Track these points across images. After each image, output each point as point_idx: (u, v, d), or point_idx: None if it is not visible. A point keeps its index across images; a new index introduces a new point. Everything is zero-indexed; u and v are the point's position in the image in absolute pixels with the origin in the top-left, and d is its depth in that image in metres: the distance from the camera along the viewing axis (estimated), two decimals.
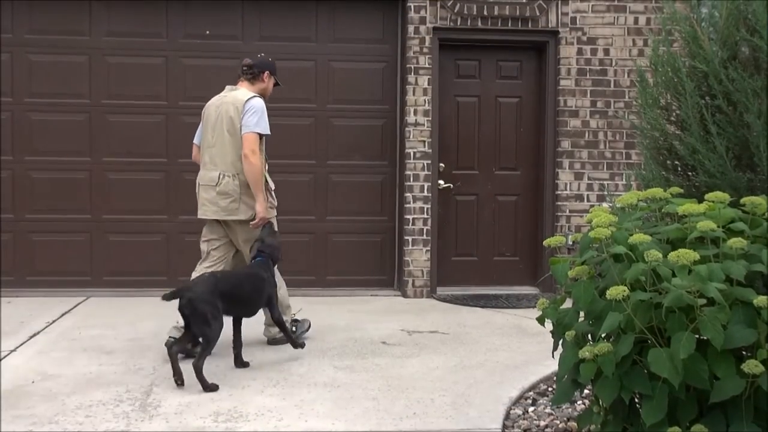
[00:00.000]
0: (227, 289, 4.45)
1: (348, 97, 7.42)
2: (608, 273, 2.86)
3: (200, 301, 4.29)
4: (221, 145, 5.03)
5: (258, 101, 5.02)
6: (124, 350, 5.11)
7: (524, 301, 6.95)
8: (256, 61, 5.24)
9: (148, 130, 7.22)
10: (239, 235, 5.09)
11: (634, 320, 2.68)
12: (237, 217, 5.00)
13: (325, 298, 7.08)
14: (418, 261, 7.14)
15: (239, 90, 5.12)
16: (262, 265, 4.78)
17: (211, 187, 5.04)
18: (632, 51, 7.31)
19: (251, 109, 4.97)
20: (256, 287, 4.66)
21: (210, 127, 5.10)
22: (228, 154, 5.01)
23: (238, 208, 5.00)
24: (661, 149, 3.81)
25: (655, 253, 2.63)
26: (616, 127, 7.30)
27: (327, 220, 7.41)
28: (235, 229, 5.09)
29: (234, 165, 4.99)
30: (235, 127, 4.99)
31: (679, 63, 3.65)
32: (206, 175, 5.10)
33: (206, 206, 5.09)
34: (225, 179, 5.00)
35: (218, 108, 5.07)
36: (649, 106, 3.79)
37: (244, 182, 4.96)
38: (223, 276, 4.63)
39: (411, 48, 7.14)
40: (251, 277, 4.68)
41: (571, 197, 7.30)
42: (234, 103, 5.01)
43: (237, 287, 4.55)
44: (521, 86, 7.56)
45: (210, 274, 4.66)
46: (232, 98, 5.05)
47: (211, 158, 5.08)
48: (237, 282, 4.60)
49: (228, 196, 4.99)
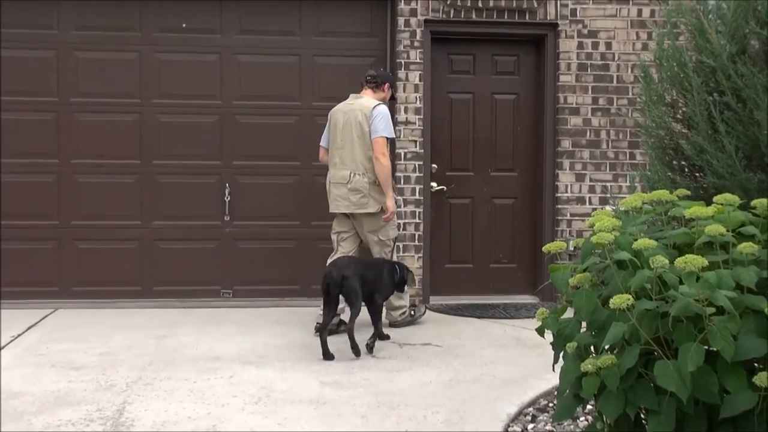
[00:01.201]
0: (362, 271, 5.50)
1: (334, 95, 7.37)
2: (612, 281, 2.87)
3: (348, 277, 5.34)
4: (351, 147, 5.99)
5: (384, 108, 6.02)
6: (95, 365, 5.09)
7: (523, 311, 6.96)
8: (379, 73, 6.30)
9: (120, 130, 7.19)
10: (365, 227, 6.07)
11: (639, 331, 2.68)
12: (366, 210, 5.99)
13: (310, 308, 7.06)
14: (411, 268, 7.12)
15: (364, 98, 6.12)
16: (389, 267, 5.83)
17: (342, 184, 6.02)
18: (636, 45, 7.34)
19: (378, 115, 5.94)
20: (382, 276, 5.71)
21: (339, 131, 6.06)
22: (357, 155, 5.97)
23: (368, 202, 5.98)
24: (667, 149, 3.83)
25: (661, 259, 2.64)
26: (619, 126, 7.33)
27: (312, 225, 7.39)
28: (362, 222, 6.07)
29: (362, 164, 5.97)
30: (363, 131, 5.95)
31: (686, 57, 3.67)
32: (338, 173, 6.06)
33: (338, 201, 6.07)
34: (356, 177, 5.97)
35: (346, 114, 6.06)
36: (654, 103, 3.81)
37: (372, 180, 5.97)
38: (359, 260, 5.76)
39: (401, 42, 7.15)
40: (380, 266, 5.77)
41: (572, 200, 7.32)
42: (362, 110, 5.99)
43: (369, 271, 5.60)
44: (518, 82, 7.58)
45: (348, 257, 5.77)
46: (359, 105, 6.04)
47: (341, 159, 6.05)
48: (369, 267, 5.66)
49: (358, 192, 5.98)
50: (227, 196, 7.31)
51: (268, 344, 5.68)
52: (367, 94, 6.15)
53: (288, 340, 5.81)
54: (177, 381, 4.74)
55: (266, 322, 6.43)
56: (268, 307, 7.08)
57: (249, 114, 7.33)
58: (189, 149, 7.27)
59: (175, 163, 7.25)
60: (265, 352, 5.46)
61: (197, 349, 5.53)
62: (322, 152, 6.35)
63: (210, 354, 5.38)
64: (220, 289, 7.34)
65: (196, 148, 7.27)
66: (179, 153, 7.25)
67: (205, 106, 7.28)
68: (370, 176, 5.97)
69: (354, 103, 6.09)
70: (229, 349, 5.53)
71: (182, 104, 7.25)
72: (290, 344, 5.68)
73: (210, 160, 7.29)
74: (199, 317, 6.63)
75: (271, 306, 7.13)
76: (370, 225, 6.07)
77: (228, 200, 7.31)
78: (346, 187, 6.00)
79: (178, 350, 5.49)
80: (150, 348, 5.56)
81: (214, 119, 7.30)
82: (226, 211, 7.31)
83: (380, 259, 6.00)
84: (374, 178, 5.96)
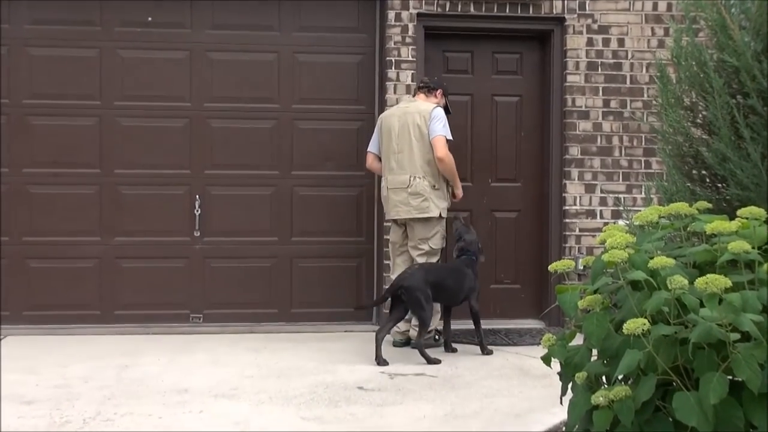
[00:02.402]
0: (434, 279, 6.08)
1: (317, 96, 7.44)
2: (625, 303, 2.87)
3: (414, 289, 5.97)
4: (409, 151, 6.46)
5: (440, 110, 6.50)
6: (48, 399, 5.05)
7: (527, 337, 6.96)
8: (432, 80, 6.80)
9: (78, 136, 7.18)
10: (417, 233, 6.49)
11: (656, 359, 2.69)
12: (428, 215, 6.42)
13: (289, 334, 7.05)
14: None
15: (418, 101, 6.61)
16: (466, 261, 6.32)
17: (402, 189, 6.47)
18: (651, 41, 7.39)
19: (437, 117, 6.43)
20: (459, 281, 6.23)
21: (395, 135, 6.53)
22: (417, 159, 6.44)
23: (429, 206, 6.43)
24: (686, 157, 3.84)
25: (680, 280, 2.65)
26: (633, 131, 7.37)
27: (292, 241, 7.40)
28: (415, 228, 6.50)
29: (422, 168, 6.45)
30: (422, 133, 6.43)
31: (706, 56, 3.69)
32: (396, 178, 6.52)
33: (399, 207, 6.51)
34: (416, 180, 6.43)
35: (402, 117, 6.52)
36: (672, 107, 3.83)
37: (432, 183, 6.46)
38: (431, 268, 6.25)
39: (391, 38, 7.18)
40: (455, 271, 6.29)
41: (582, 213, 7.34)
42: (419, 113, 6.47)
43: (442, 279, 6.18)
44: (521, 83, 7.62)
45: (419, 266, 6.24)
46: (415, 108, 6.52)
47: (399, 163, 6.52)
48: (443, 274, 6.24)
49: (419, 196, 6.42)
50: (197, 209, 7.30)
51: (243, 375, 5.66)
52: (421, 99, 6.65)
53: (265, 371, 5.78)
54: (140, 416, 4.71)
55: (241, 350, 6.41)
56: (242, 334, 7.06)
57: (222, 117, 7.33)
58: (155, 157, 7.26)
59: (139, 173, 7.24)
60: (239, 383, 5.44)
61: (163, 380, 5.51)
62: (370, 158, 6.85)
63: (178, 386, 5.35)
64: (189, 314, 7.32)
65: (162, 156, 7.27)
66: (144, 161, 7.25)
67: (173, 108, 7.28)
68: (430, 179, 6.45)
69: (409, 106, 6.58)
70: (199, 380, 5.50)
71: (147, 107, 7.25)
72: (267, 374, 5.66)
73: (178, 168, 7.29)
74: (165, 345, 6.60)
75: (246, 332, 7.11)
76: (423, 232, 6.48)
77: (198, 213, 7.30)
78: (407, 192, 6.44)
79: (142, 382, 5.46)
80: (110, 379, 5.52)
81: (183, 123, 7.30)
82: (196, 225, 7.30)
83: (452, 263, 6.48)
84: (434, 182, 6.46)
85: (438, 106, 6.54)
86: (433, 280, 6.08)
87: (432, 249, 6.49)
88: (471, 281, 6.30)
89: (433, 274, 6.16)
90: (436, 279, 6.14)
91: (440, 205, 6.49)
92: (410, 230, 6.56)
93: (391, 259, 6.84)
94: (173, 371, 5.75)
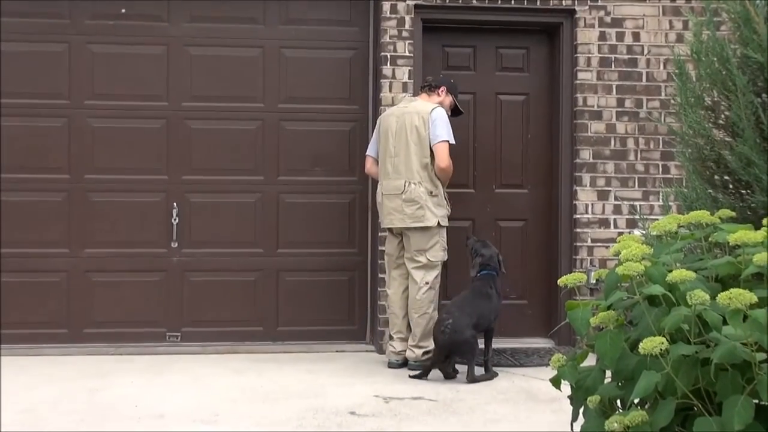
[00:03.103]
0: (477, 317, 6.15)
1: (305, 95, 7.44)
2: (641, 320, 2.87)
3: (465, 343, 6.06)
4: (406, 154, 6.49)
5: (442, 111, 6.53)
6: (13, 425, 5.03)
7: (534, 358, 6.96)
8: (436, 78, 6.83)
9: (44, 138, 7.17)
10: (413, 244, 6.50)
11: (676, 381, 2.69)
12: (423, 224, 6.43)
13: (275, 354, 7.04)
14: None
15: (419, 101, 6.65)
16: (488, 280, 6.34)
17: (396, 195, 6.49)
18: (669, 36, 7.41)
19: (438, 119, 6.45)
20: (489, 305, 6.28)
21: (392, 137, 6.57)
22: (413, 163, 6.47)
23: (424, 214, 6.44)
24: (707, 161, 3.85)
25: (701, 295, 2.65)
26: (649, 133, 7.38)
27: (278, 253, 7.39)
28: (411, 238, 6.50)
29: (418, 173, 6.46)
30: (420, 137, 6.46)
31: (728, 51, 3.70)
32: (391, 184, 6.55)
33: (392, 215, 6.53)
34: (411, 186, 6.45)
35: (400, 118, 6.55)
36: (691, 106, 3.84)
37: (429, 190, 6.46)
38: (468, 307, 6.21)
39: (386, 31, 7.19)
40: (483, 295, 6.29)
41: (594, 222, 7.35)
42: (418, 113, 6.49)
43: (481, 310, 6.22)
44: (528, 80, 7.63)
45: (458, 310, 6.17)
46: (414, 108, 6.55)
47: (394, 167, 6.55)
48: (479, 306, 6.23)
49: (414, 203, 6.43)
50: (175, 217, 7.29)
51: (225, 399, 5.65)
52: (423, 98, 6.70)
53: (249, 394, 5.77)
54: None
55: (222, 372, 6.40)
56: (224, 354, 7.05)
57: (202, 118, 7.34)
58: (129, 161, 7.25)
59: (111, 178, 7.24)
60: (220, 408, 5.42)
61: (138, 404, 5.49)
62: (369, 162, 6.90)
63: (153, 410, 5.33)
64: (166, 332, 7.30)
65: (137, 160, 7.26)
66: (117, 165, 7.24)
67: (148, 108, 7.28)
68: (427, 185, 6.47)
69: (408, 106, 6.62)
70: (176, 404, 5.49)
71: (120, 106, 7.25)
72: (251, 398, 5.65)
73: (154, 174, 7.29)
74: (139, 366, 6.59)
75: (227, 352, 7.10)
76: (420, 242, 6.49)
77: (176, 223, 7.29)
78: (401, 198, 6.47)
79: (115, 406, 5.44)
80: (80, 403, 5.50)
81: (159, 124, 7.30)
82: (174, 236, 7.30)
83: (475, 288, 6.36)
84: (431, 188, 6.47)
85: (439, 107, 6.56)
86: (476, 320, 6.15)
87: (430, 262, 6.50)
88: (497, 300, 6.37)
89: (473, 312, 6.17)
90: (478, 315, 6.19)
91: (438, 213, 6.49)
92: (406, 241, 6.57)
93: (386, 272, 6.83)
94: (148, 395, 5.74)
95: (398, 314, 6.64)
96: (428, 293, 6.51)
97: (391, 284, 6.71)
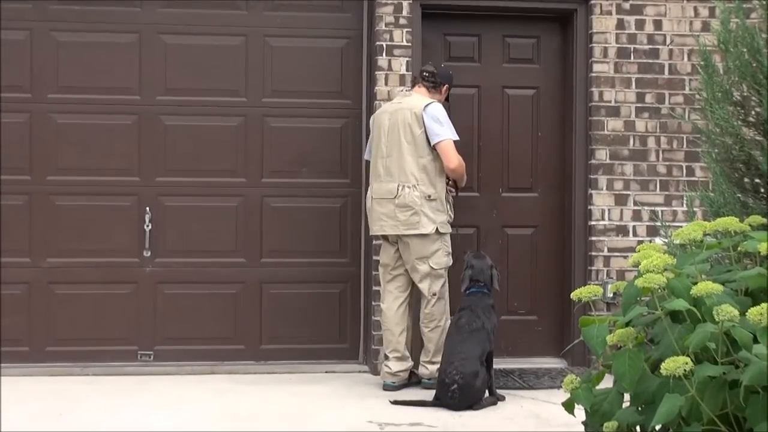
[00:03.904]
0: (474, 354, 6.04)
1: (292, 88, 7.44)
2: (663, 338, 2.88)
3: (466, 386, 5.97)
4: (398, 155, 6.49)
5: (438, 106, 6.53)
6: None
7: (545, 379, 6.96)
8: (440, 71, 6.77)
9: (3, 135, 7.15)
10: (413, 252, 6.51)
11: (701, 405, 2.69)
12: (417, 231, 6.43)
13: (258, 375, 7.03)
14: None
15: (414, 96, 6.66)
16: (478, 298, 6.30)
17: (388, 200, 6.50)
18: (694, 24, 7.42)
19: (435, 115, 6.46)
20: (483, 335, 6.15)
21: (384, 136, 6.58)
22: (407, 164, 6.47)
23: (419, 221, 6.43)
24: (736, 162, 3.86)
25: (730, 310, 2.65)
26: (672, 131, 7.39)
27: (262, 263, 7.39)
28: (409, 246, 6.51)
29: (413, 175, 6.46)
30: (414, 134, 6.47)
31: (759, 41, 3.71)
32: (382, 187, 6.56)
33: (383, 221, 6.54)
34: (405, 190, 6.44)
35: (392, 115, 6.57)
36: (718, 102, 3.85)
37: (426, 194, 6.45)
38: (462, 339, 6.13)
39: (382, 18, 7.19)
40: (477, 331, 6.15)
41: (611, 230, 7.36)
42: (411, 109, 6.50)
43: (479, 346, 6.09)
44: (538, 73, 7.64)
45: (451, 344, 6.15)
46: (408, 104, 6.56)
47: (386, 169, 6.55)
48: (474, 343, 6.11)
49: (408, 209, 6.43)
50: (148, 224, 7.29)
51: (203, 424, 5.65)
52: (420, 93, 6.68)
53: (229, 420, 5.77)
54: None
55: (200, 395, 6.39)
56: (201, 375, 7.05)
57: (178, 114, 7.33)
58: (96, 161, 7.25)
59: (77, 180, 7.23)
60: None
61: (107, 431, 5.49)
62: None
63: None
64: (137, 350, 7.29)
65: (105, 160, 7.26)
66: (83, 166, 7.24)
67: (118, 102, 7.28)
68: (424, 188, 6.47)
69: (402, 102, 6.65)
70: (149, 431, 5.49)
71: (87, 100, 7.25)
72: (232, 425, 5.65)
73: (125, 175, 7.28)
74: (108, 388, 6.58)
75: (205, 373, 7.10)
76: (419, 250, 6.50)
77: (149, 229, 7.29)
78: (393, 203, 6.48)
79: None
80: (47, 428, 5.49)
81: (130, 121, 7.30)
82: (146, 244, 7.29)
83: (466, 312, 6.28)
84: (430, 192, 6.48)
85: (435, 102, 6.56)
86: (480, 361, 6.07)
87: (434, 270, 6.51)
88: (493, 323, 6.30)
89: (474, 354, 6.08)
90: (480, 352, 6.10)
91: (437, 219, 6.49)
92: (404, 249, 6.57)
93: (381, 285, 6.82)
94: (119, 420, 5.73)
95: (394, 331, 6.63)
96: (438, 304, 6.55)
97: (386, 298, 6.71)
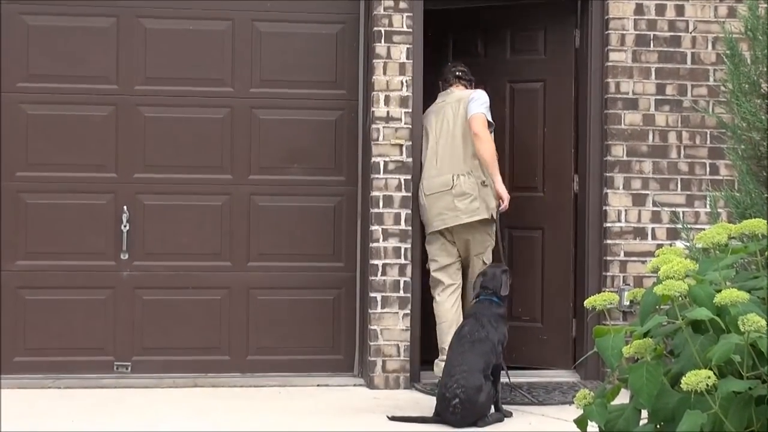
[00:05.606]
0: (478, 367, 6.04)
1: (283, 78, 7.44)
2: (684, 350, 2.88)
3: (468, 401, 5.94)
4: (451, 146, 6.97)
5: (483, 93, 7.00)
6: None
7: (556, 394, 6.96)
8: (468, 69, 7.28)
9: None
10: (474, 247, 6.97)
11: (725, 422, 2.69)
12: (480, 217, 6.86)
13: (245, 389, 7.03)
14: (392, 331, 7.13)
15: (456, 92, 7.13)
16: (485, 306, 6.38)
17: (445, 192, 6.91)
18: (719, 9, 7.41)
19: (476, 97, 6.90)
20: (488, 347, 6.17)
21: (433, 132, 7.08)
22: (459, 154, 6.93)
23: (479, 207, 6.87)
24: (763, 159, 3.86)
25: (756, 320, 2.65)
26: (694, 126, 7.39)
27: (249, 267, 7.38)
28: (469, 241, 6.96)
29: (467, 162, 6.91)
30: (463, 126, 6.90)
31: None
32: (435, 182, 6.99)
33: (444, 215, 6.92)
34: (460, 179, 6.89)
35: (438, 113, 7.10)
36: (745, 94, 3.85)
37: (481, 180, 6.88)
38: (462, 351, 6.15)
39: (381, 2, 7.18)
40: (480, 342, 6.17)
41: (627, 232, 7.35)
42: (458, 100, 7.00)
43: (482, 358, 6.11)
44: (546, 64, 7.64)
45: (452, 356, 6.19)
46: (452, 98, 7.07)
47: (439, 163, 7.00)
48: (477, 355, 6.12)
49: (467, 196, 6.86)
50: (125, 224, 7.28)
51: None
52: (458, 89, 7.17)
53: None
54: None
55: (181, 410, 6.39)
56: (183, 387, 7.04)
57: (158, 105, 7.33)
58: (70, 156, 7.25)
59: (48, 176, 7.24)
60: None
61: None
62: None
63: None
64: (114, 361, 7.29)
65: (79, 155, 7.26)
66: (55, 161, 7.24)
67: (93, 92, 7.28)
68: (478, 175, 6.90)
69: (446, 98, 7.14)
70: None
71: (60, 90, 7.26)
72: None
73: (100, 171, 7.29)
74: (82, 402, 6.57)
75: (188, 386, 7.09)
76: (480, 243, 6.99)
77: (126, 230, 7.28)
78: (451, 194, 6.89)
79: None
80: None
81: (106, 112, 7.30)
82: (124, 246, 7.28)
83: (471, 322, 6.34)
84: (483, 177, 6.89)
85: (480, 90, 7.03)
86: (484, 375, 6.08)
87: (484, 264, 6.94)
88: (500, 334, 6.32)
89: (478, 367, 6.07)
90: (484, 365, 6.11)
91: (491, 205, 6.92)
92: (462, 245, 7.04)
93: (438, 287, 7.11)
94: None
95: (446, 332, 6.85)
96: None
97: (448, 299, 7.03)
